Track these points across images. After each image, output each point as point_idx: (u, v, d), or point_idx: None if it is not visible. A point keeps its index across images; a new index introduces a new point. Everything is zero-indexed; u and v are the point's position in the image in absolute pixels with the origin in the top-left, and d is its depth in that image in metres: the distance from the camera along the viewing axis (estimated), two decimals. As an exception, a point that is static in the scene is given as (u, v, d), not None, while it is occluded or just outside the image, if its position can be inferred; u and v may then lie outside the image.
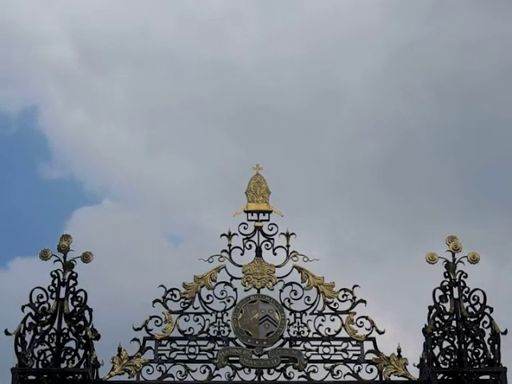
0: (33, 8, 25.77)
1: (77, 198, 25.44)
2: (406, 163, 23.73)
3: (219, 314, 11.04)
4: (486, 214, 23.31)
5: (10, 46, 25.09)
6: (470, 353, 10.64)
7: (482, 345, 10.61)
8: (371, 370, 10.82)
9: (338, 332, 11.01)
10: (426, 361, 10.58)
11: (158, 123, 25.02)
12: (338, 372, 10.77)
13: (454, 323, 10.81)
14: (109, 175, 25.06)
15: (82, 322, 10.64)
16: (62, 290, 10.87)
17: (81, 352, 10.49)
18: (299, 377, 10.74)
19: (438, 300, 10.89)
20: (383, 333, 10.97)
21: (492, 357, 10.47)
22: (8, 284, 20.57)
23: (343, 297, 11.14)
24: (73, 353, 10.51)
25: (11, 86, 25.81)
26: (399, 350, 10.84)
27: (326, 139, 24.58)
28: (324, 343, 10.94)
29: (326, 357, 10.87)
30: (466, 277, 11.04)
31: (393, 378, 10.75)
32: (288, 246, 11.44)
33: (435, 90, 24.41)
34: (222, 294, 11.14)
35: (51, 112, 25.82)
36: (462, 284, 11.00)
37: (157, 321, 10.97)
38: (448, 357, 10.63)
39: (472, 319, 10.76)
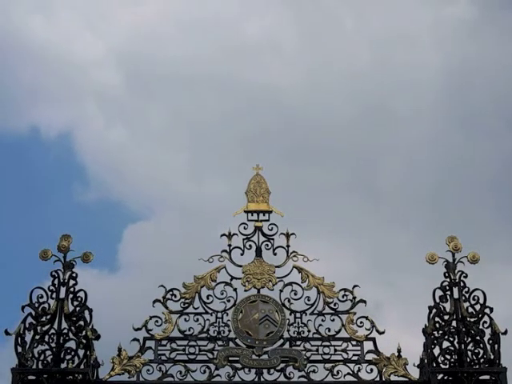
0: (78, 32, 26.05)
1: (123, 217, 25.23)
2: (457, 193, 23.29)
3: (219, 314, 11.04)
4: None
5: (51, 68, 25.33)
6: (470, 353, 10.62)
7: (482, 345, 10.60)
8: (371, 370, 10.80)
9: (338, 332, 11.00)
10: (425, 361, 10.58)
11: (198, 143, 24.98)
12: (337, 372, 10.76)
13: (454, 323, 10.80)
14: (149, 194, 24.91)
15: (82, 322, 10.63)
16: (62, 290, 10.86)
17: (81, 352, 10.48)
18: (299, 377, 10.73)
19: (438, 300, 10.87)
20: (383, 333, 10.96)
21: (492, 357, 10.46)
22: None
23: (343, 297, 11.14)
24: (73, 353, 10.49)
25: (51, 109, 25.84)
26: (399, 350, 10.83)
27: (379, 165, 24.39)
28: (324, 343, 10.93)
29: (326, 357, 10.86)
30: (466, 277, 11.04)
31: (393, 378, 10.74)
32: (288, 246, 11.44)
33: (493, 115, 23.96)
34: (222, 294, 11.14)
35: (90, 134, 25.75)
36: (462, 284, 11.00)
37: (157, 321, 10.97)
38: (448, 357, 10.61)
39: (472, 319, 10.75)
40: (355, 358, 10.87)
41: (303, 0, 25.90)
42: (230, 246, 11.42)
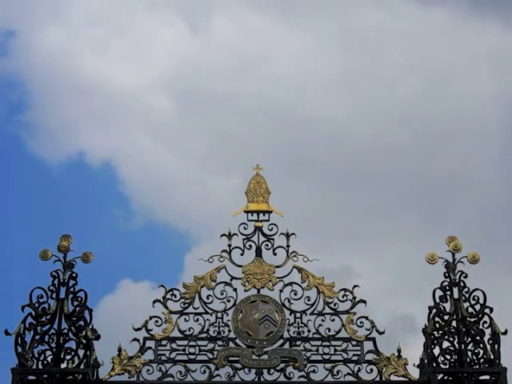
0: (128, 61, 26.54)
1: (183, 243, 25.41)
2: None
3: (219, 314, 11.04)
4: None
5: (101, 97, 25.69)
6: (469, 353, 10.62)
7: (481, 345, 10.60)
8: (371, 370, 10.80)
9: (337, 332, 11.00)
10: (425, 361, 10.58)
11: (247, 170, 25.06)
12: (337, 372, 10.76)
13: (454, 323, 10.80)
14: (197, 219, 25.07)
15: (82, 322, 10.63)
16: (62, 290, 10.86)
17: (81, 352, 10.48)
18: (299, 377, 10.73)
19: (438, 300, 10.87)
20: (383, 333, 10.96)
21: (492, 357, 10.46)
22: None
23: (343, 297, 11.14)
24: (73, 353, 10.49)
25: (99, 136, 26.12)
26: (399, 350, 10.83)
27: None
28: (324, 343, 10.93)
29: (326, 357, 10.86)
30: (466, 277, 11.03)
31: (393, 378, 10.74)
32: (288, 246, 11.44)
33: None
34: (222, 294, 11.14)
35: (134, 160, 25.93)
36: (462, 284, 11.00)
37: (157, 321, 10.97)
38: (448, 357, 10.62)
39: (472, 319, 10.75)
40: (355, 358, 10.86)
41: (352, 35, 26.52)
42: (230, 246, 11.43)
